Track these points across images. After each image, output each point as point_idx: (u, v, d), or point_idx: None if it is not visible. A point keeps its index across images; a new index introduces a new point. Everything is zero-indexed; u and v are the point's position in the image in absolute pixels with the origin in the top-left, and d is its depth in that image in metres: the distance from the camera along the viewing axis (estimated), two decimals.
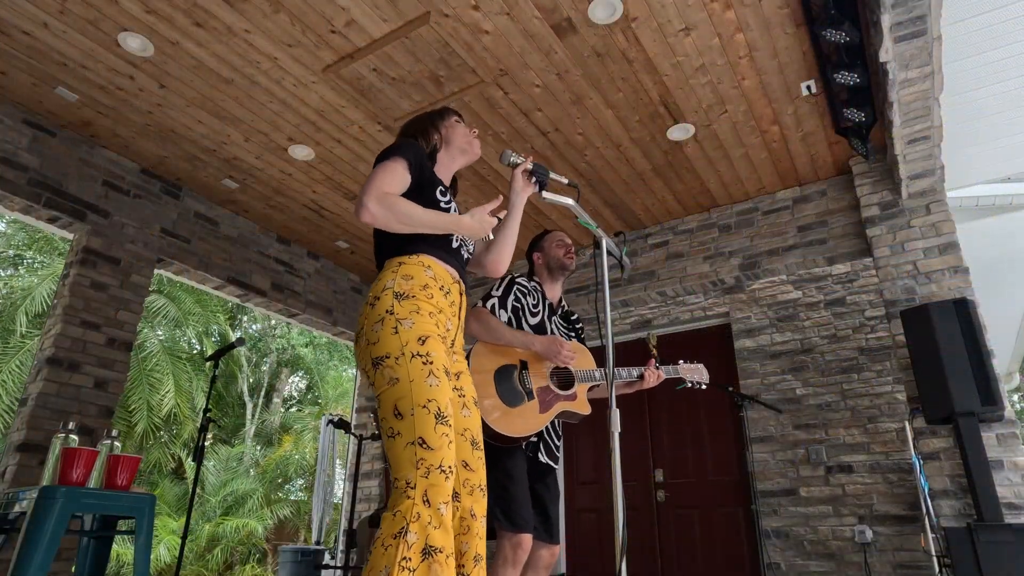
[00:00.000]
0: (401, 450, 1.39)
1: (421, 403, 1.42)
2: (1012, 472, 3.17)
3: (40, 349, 3.89)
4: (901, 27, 2.78)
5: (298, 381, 15.06)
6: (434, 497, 1.36)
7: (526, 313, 2.48)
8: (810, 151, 4.09)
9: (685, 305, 5.50)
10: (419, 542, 1.31)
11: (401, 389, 1.43)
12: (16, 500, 2.55)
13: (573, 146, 4.07)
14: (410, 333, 1.48)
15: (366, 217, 1.53)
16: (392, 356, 1.45)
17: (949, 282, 3.61)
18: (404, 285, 1.55)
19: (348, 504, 5.38)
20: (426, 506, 1.34)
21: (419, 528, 1.32)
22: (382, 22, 3.13)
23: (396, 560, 1.27)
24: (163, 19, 3.14)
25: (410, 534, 1.30)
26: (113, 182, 4.21)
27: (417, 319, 1.51)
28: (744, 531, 4.72)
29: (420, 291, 1.56)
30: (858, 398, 4.53)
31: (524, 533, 2.13)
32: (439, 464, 1.38)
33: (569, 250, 2.63)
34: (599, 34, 3.19)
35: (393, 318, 1.49)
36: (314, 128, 3.94)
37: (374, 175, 1.61)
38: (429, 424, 1.40)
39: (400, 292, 1.54)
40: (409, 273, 1.58)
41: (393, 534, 1.31)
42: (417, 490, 1.35)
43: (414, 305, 1.53)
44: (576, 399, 2.38)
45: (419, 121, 1.94)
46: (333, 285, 5.68)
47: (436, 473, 1.37)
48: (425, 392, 1.43)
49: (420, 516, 1.33)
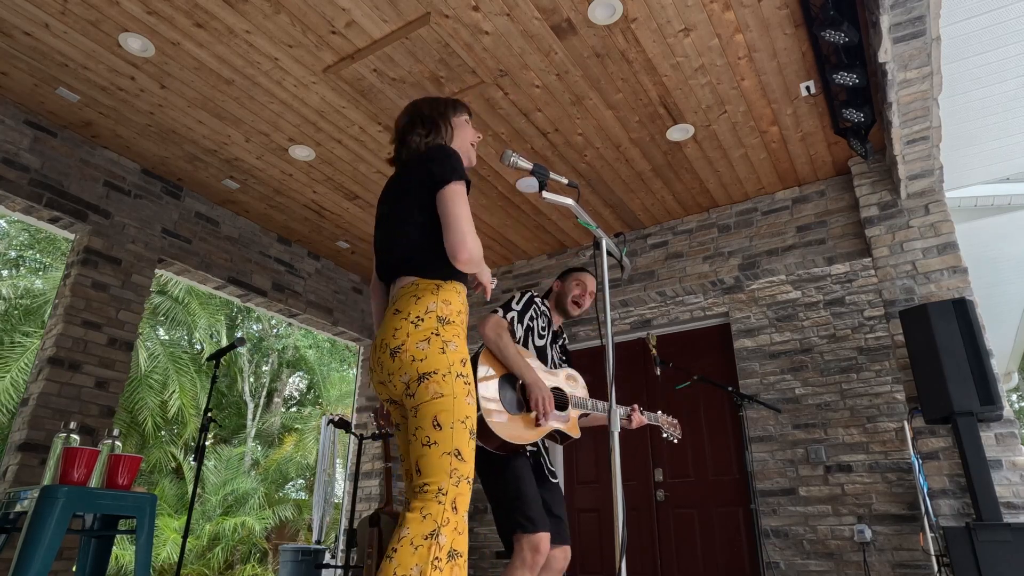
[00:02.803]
0: (437, 458, 1.48)
1: (460, 418, 1.53)
2: (1011, 472, 3.18)
3: (41, 349, 3.89)
4: (900, 28, 2.79)
5: (298, 381, 15.07)
6: (461, 505, 1.47)
7: (535, 335, 2.53)
8: (809, 151, 4.10)
9: (685, 305, 5.51)
10: (448, 545, 1.41)
11: (444, 404, 1.52)
12: (17, 499, 2.55)
13: (573, 146, 4.07)
14: (455, 355, 1.58)
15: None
16: (440, 373, 1.55)
17: (948, 282, 3.62)
18: (445, 309, 1.63)
19: (348, 504, 5.39)
20: (454, 512, 1.45)
21: (449, 532, 1.42)
22: (382, 23, 3.14)
23: (429, 559, 1.36)
24: (164, 20, 3.15)
25: (441, 536, 1.40)
26: (114, 182, 4.22)
27: (459, 343, 1.62)
28: (743, 530, 4.73)
29: (457, 316, 1.65)
30: (857, 398, 4.54)
31: (543, 532, 2.14)
32: (467, 475, 1.51)
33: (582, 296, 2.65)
34: (599, 35, 3.19)
35: (439, 339, 1.58)
36: (314, 128, 3.94)
37: (461, 212, 1.63)
38: (465, 438, 1.52)
39: (443, 316, 1.62)
40: (448, 299, 1.65)
41: (424, 535, 1.40)
42: (448, 496, 1.45)
43: (456, 330, 1.63)
44: (569, 422, 2.45)
45: (435, 105, 1.91)
46: (333, 285, 5.68)
47: (464, 483, 1.50)
48: (464, 409, 1.54)
49: (450, 521, 1.43)
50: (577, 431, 2.50)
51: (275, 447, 12.58)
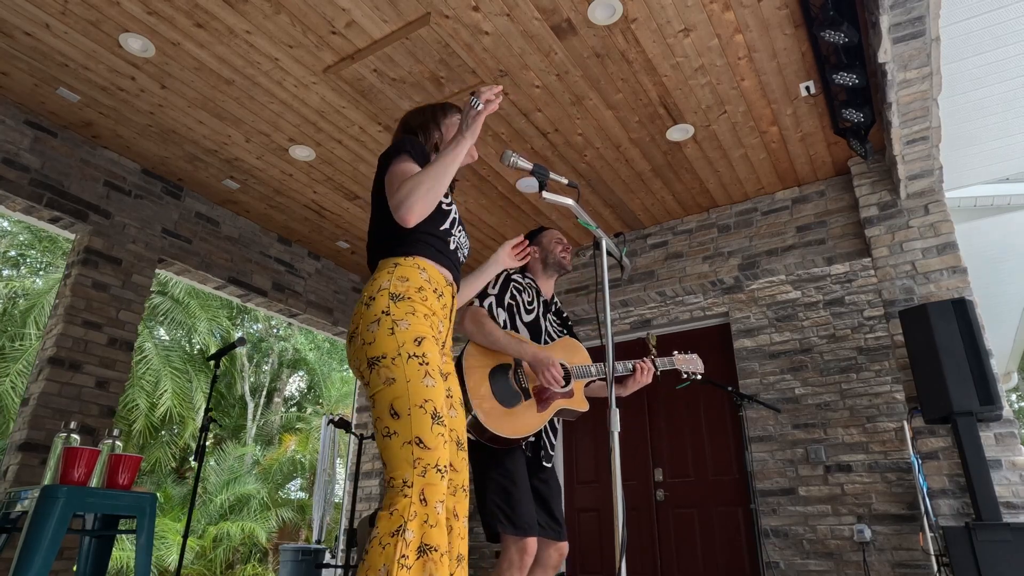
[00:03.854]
0: (398, 449, 1.40)
1: (418, 403, 1.43)
2: (1010, 471, 3.18)
3: (42, 349, 3.90)
4: (900, 28, 2.79)
5: (299, 381, 15.08)
6: (431, 496, 1.37)
7: (521, 311, 2.43)
8: (809, 152, 4.10)
9: (684, 305, 5.52)
10: (416, 540, 1.32)
11: (398, 389, 1.44)
12: (18, 499, 2.55)
13: (573, 147, 4.08)
14: (406, 334, 1.48)
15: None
16: (389, 356, 1.46)
17: (947, 282, 3.62)
18: (400, 286, 1.55)
19: (349, 503, 5.39)
20: (423, 505, 1.36)
21: (416, 526, 1.33)
22: (382, 23, 3.14)
23: (395, 558, 1.28)
24: (164, 20, 3.15)
25: (408, 532, 1.31)
26: (114, 182, 4.23)
27: (413, 320, 1.52)
28: (743, 530, 4.73)
29: (415, 293, 1.56)
30: (857, 398, 4.54)
31: (529, 537, 2.11)
32: (435, 463, 1.40)
33: (567, 248, 2.61)
34: (599, 35, 3.20)
35: (389, 319, 1.50)
36: (315, 129, 3.95)
37: (393, 178, 1.64)
38: (426, 424, 1.42)
39: (396, 293, 1.54)
40: (405, 275, 1.58)
41: (391, 532, 1.31)
42: (414, 489, 1.36)
43: (409, 307, 1.53)
44: (574, 396, 2.34)
45: (421, 113, 1.93)
46: (334, 285, 5.69)
47: (432, 472, 1.39)
48: (422, 392, 1.44)
49: (417, 515, 1.34)
50: (584, 403, 2.38)
51: (275, 447, 12.59)
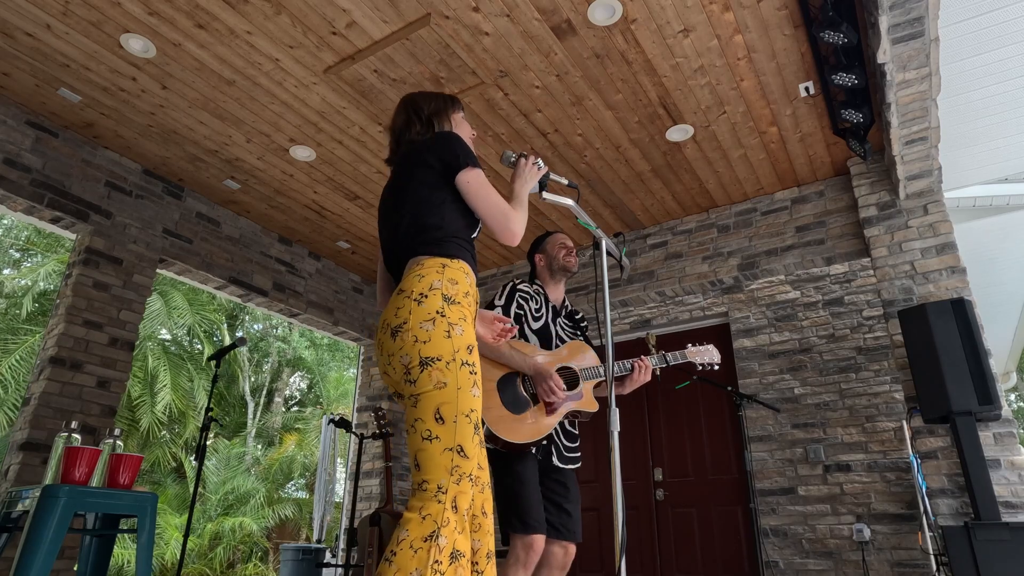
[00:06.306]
0: (437, 454, 1.40)
1: (465, 412, 1.44)
2: (1009, 471, 3.19)
3: (43, 348, 3.90)
4: (899, 28, 2.80)
5: (299, 381, 15.08)
6: (461, 503, 1.39)
7: (528, 319, 2.48)
8: (808, 152, 4.11)
9: (684, 305, 5.52)
10: (449, 546, 1.34)
11: (448, 395, 1.43)
12: (19, 499, 2.56)
13: (572, 147, 4.08)
14: (461, 340, 1.48)
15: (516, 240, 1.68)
16: (444, 360, 1.45)
17: (946, 282, 3.63)
18: (451, 288, 1.54)
19: (349, 503, 5.40)
20: (454, 512, 1.38)
21: (449, 533, 1.35)
22: (383, 24, 3.15)
23: (428, 563, 1.30)
24: (165, 21, 3.16)
25: (441, 538, 1.33)
26: (115, 183, 4.23)
27: (465, 327, 1.52)
28: (743, 530, 4.74)
29: (463, 298, 1.56)
30: (856, 397, 4.55)
31: (536, 534, 2.14)
32: (470, 472, 1.42)
33: (571, 252, 2.63)
34: (598, 36, 3.20)
35: (445, 321, 1.48)
36: (315, 129, 3.95)
37: (489, 192, 1.69)
38: (469, 433, 1.43)
39: (448, 295, 1.52)
40: (454, 278, 1.56)
41: (424, 537, 1.33)
42: (448, 495, 1.38)
43: (460, 312, 1.53)
44: (583, 398, 2.38)
45: (434, 100, 1.88)
46: (334, 285, 5.69)
47: (466, 481, 1.41)
48: (469, 402, 1.45)
49: (450, 521, 1.36)
50: (594, 404, 2.41)
51: (276, 446, 12.59)
